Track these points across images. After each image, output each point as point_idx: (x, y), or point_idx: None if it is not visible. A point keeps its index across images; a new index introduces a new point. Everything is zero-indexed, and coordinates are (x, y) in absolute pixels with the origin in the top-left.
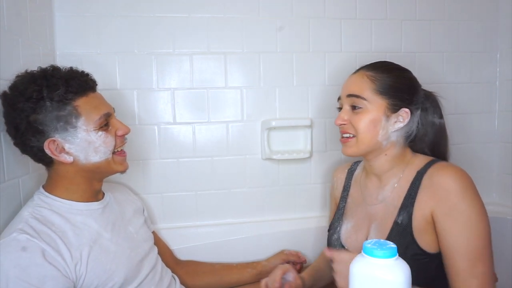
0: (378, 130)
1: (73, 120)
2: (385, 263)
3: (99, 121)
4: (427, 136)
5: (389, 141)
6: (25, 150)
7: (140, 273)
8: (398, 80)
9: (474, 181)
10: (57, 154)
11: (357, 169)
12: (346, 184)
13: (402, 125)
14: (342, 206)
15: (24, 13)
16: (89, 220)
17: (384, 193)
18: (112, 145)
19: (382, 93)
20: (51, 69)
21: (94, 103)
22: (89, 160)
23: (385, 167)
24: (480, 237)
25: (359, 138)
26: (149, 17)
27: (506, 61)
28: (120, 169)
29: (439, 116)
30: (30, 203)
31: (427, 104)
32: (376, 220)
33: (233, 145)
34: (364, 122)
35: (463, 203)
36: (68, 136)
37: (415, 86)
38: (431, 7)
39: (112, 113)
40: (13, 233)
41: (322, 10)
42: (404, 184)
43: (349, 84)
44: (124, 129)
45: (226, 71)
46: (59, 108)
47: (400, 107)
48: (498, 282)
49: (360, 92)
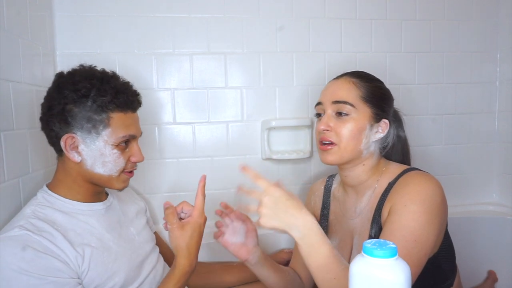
0: (362, 138)
1: (100, 128)
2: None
3: (122, 139)
4: (395, 148)
5: (368, 150)
6: (45, 129)
7: (140, 274)
8: (379, 91)
9: (474, 181)
10: (69, 150)
11: (334, 184)
12: (325, 202)
13: (382, 136)
14: (324, 226)
15: (24, 13)
16: (92, 220)
17: (361, 206)
18: (120, 166)
19: (368, 101)
20: (111, 75)
21: (127, 122)
22: (93, 169)
23: (361, 178)
24: (413, 241)
25: (341, 146)
26: (149, 17)
27: (506, 61)
28: (119, 186)
29: (402, 129)
30: (34, 201)
31: (395, 117)
32: (356, 234)
33: (233, 145)
34: (349, 130)
35: (413, 205)
36: (88, 139)
37: (391, 98)
38: (431, 7)
39: (137, 138)
40: (15, 228)
41: (322, 10)
42: (377, 195)
43: (335, 90)
44: (139, 157)
45: (226, 71)
46: (96, 111)
47: (381, 117)
48: (498, 282)
49: (349, 98)
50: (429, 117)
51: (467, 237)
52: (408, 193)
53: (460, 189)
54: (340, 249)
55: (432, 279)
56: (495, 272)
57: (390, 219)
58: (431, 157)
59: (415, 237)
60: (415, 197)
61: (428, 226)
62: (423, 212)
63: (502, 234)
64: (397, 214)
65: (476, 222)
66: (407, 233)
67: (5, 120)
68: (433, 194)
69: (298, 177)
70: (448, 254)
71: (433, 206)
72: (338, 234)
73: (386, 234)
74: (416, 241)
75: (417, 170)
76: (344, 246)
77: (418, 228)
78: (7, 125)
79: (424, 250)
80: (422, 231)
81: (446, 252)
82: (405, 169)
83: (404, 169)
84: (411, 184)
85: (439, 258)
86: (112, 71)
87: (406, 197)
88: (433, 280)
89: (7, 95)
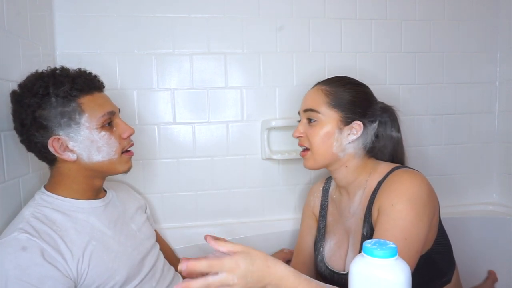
0: (332, 142)
1: (77, 117)
2: (385, 263)
3: (102, 118)
4: (385, 148)
5: (345, 153)
6: (30, 147)
7: (141, 271)
8: (351, 94)
9: (474, 181)
10: (61, 152)
11: (331, 186)
12: (323, 203)
13: (355, 137)
14: (322, 226)
15: (24, 13)
16: (91, 218)
17: (354, 206)
18: (115, 147)
19: (335, 107)
20: (60, 68)
21: (99, 101)
22: (92, 159)
23: (349, 179)
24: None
25: (313, 151)
26: (149, 17)
27: (506, 61)
28: (123, 168)
29: (396, 129)
30: (32, 202)
31: (385, 117)
32: (351, 234)
33: (233, 145)
34: (318, 135)
35: (401, 204)
36: (72, 133)
37: (368, 100)
38: (431, 7)
39: (117, 113)
40: (14, 232)
41: (322, 10)
42: (367, 194)
43: (306, 99)
44: (128, 131)
45: (226, 71)
46: (63, 104)
47: (352, 120)
48: (498, 282)
49: (315, 106)
50: (429, 117)
51: (467, 237)
52: (394, 192)
53: (460, 189)
54: (338, 249)
55: (427, 275)
56: (495, 272)
57: (380, 220)
58: (431, 157)
59: (405, 235)
60: (401, 196)
61: (416, 223)
62: (410, 209)
63: (502, 234)
64: (385, 214)
65: (476, 222)
66: (397, 232)
67: (5, 120)
68: (419, 191)
69: (298, 177)
70: (444, 250)
71: (420, 203)
72: (336, 235)
73: (378, 235)
74: (406, 239)
75: (404, 168)
76: (342, 246)
77: (407, 226)
78: (7, 125)
79: (416, 247)
80: (411, 229)
81: (441, 248)
82: (392, 168)
83: (392, 167)
84: (397, 183)
85: (433, 255)
86: (60, 66)
87: (393, 196)
88: (429, 276)
89: (7, 95)
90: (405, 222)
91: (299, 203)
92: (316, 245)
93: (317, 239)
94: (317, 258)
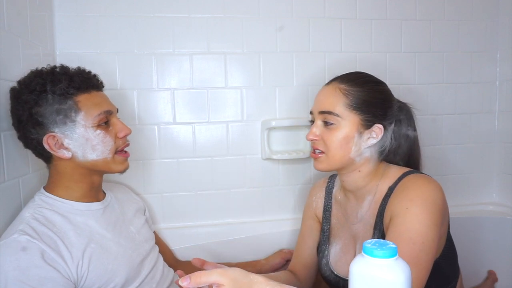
0: (351, 146)
1: (73, 115)
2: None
3: (98, 117)
4: (400, 148)
5: (362, 157)
6: (26, 144)
7: (140, 273)
8: (372, 95)
9: (474, 181)
10: (56, 150)
11: (335, 186)
12: (327, 204)
13: (375, 141)
14: (326, 228)
15: (24, 13)
16: (90, 220)
17: (362, 211)
18: (110, 146)
19: (355, 109)
20: (60, 66)
21: (96, 100)
22: (86, 158)
23: (359, 184)
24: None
25: (329, 155)
26: (149, 17)
27: (506, 61)
28: (119, 168)
29: (413, 128)
30: (31, 204)
31: (401, 116)
32: (359, 239)
33: (233, 145)
34: (336, 139)
35: (417, 208)
36: (67, 130)
37: (389, 100)
38: (431, 7)
39: (114, 112)
40: (14, 234)
41: (322, 10)
42: (378, 200)
43: (322, 99)
44: (125, 131)
45: (226, 71)
46: (60, 101)
47: (373, 123)
48: (498, 282)
49: (333, 108)
50: (429, 117)
51: (467, 237)
52: (408, 196)
53: (460, 189)
54: (344, 254)
55: (433, 283)
56: (495, 272)
57: (394, 223)
58: (431, 157)
59: (422, 239)
60: (416, 200)
61: (433, 228)
62: (426, 213)
63: (502, 234)
64: (400, 217)
65: (476, 222)
66: (414, 235)
67: (5, 120)
68: (435, 197)
69: (298, 177)
70: (451, 258)
71: (435, 208)
72: (341, 239)
73: (392, 237)
74: (423, 243)
75: (416, 173)
76: (347, 251)
77: (424, 229)
78: (7, 125)
79: (432, 252)
80: (428, 233)
81: (448, 256)
82: (404, 173)
83: (403, 172)
84: (412, 188)
85: (441, 263)
86: (60, 64)
87: (407, 200)
88: (435, 284)
89: (7, 95)
90: (421, 226)
91: (299, 203)
92: (319, 248)
93: (321, 241)
94: (321, 261)
